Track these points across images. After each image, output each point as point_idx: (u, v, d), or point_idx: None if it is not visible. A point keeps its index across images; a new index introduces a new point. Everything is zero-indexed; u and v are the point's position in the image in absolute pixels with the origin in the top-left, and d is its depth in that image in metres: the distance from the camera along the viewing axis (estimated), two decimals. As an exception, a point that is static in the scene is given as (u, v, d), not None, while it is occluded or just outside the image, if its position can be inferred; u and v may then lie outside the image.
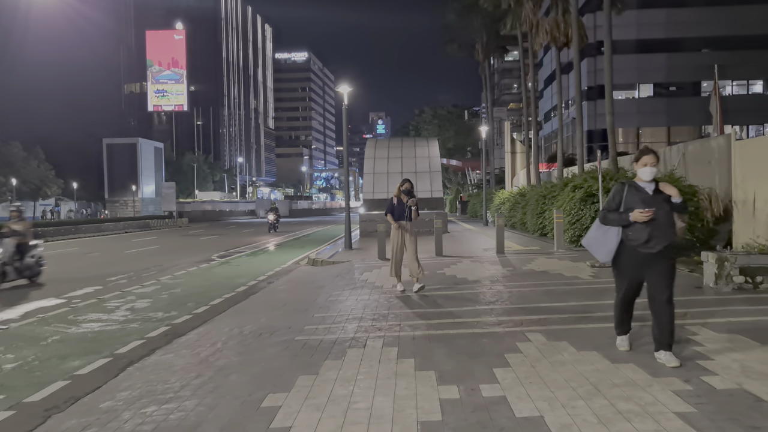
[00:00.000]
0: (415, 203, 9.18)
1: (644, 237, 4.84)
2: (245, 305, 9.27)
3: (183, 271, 14.84)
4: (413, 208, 9.17)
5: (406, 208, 9.17)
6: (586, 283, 9.43)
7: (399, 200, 9.25)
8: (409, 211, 9.17)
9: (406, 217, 9.19)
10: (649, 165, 4.91)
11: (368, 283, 10.53)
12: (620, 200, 4.96)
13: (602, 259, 5.16)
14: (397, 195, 9.28)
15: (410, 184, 9.33)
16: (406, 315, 7.48)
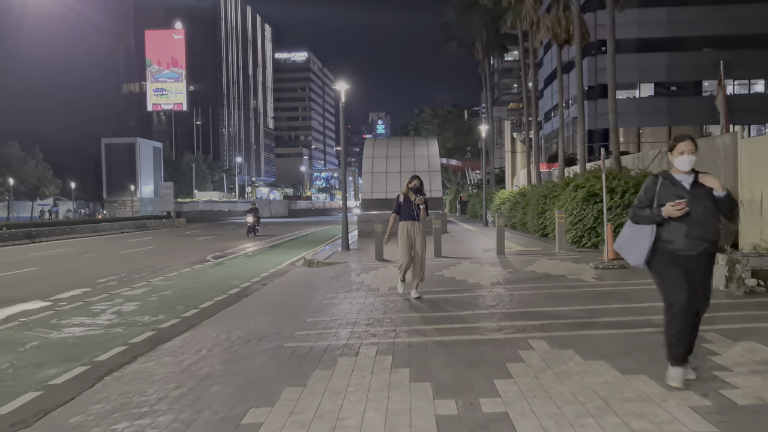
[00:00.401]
0: (423, 201, 8.50)
1: (681, 237, 4.15)
2: (236, 308, 8.92)
3: (175, 273, 14.49)
4: (421, 207, 8.50)
5: (414, 207, 8.51)
6: (590, 285, 9.07)
7: (406, 198, 8.59)
8: (417, 210, 8.51)
9: (414, 216, 8.54)
10: (686, 153, 4.23)
11: (364, 286, 10.17)
12: (653, 195, 4.28)
13: (633, 262, 4.49)
14: (404, 193, 8.65)
15: (419, 182, 8.63)
16: (402, 320, 7.13)
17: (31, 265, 17.54)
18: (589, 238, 14.64)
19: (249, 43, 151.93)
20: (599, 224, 14.30)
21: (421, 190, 8.55)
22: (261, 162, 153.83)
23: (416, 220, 8.52)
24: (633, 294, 8.12)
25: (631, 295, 8.01)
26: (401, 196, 8.66)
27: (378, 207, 25.64)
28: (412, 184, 8.57)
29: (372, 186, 26.77)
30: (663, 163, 18.62)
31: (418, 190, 8.50)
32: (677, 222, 4.14)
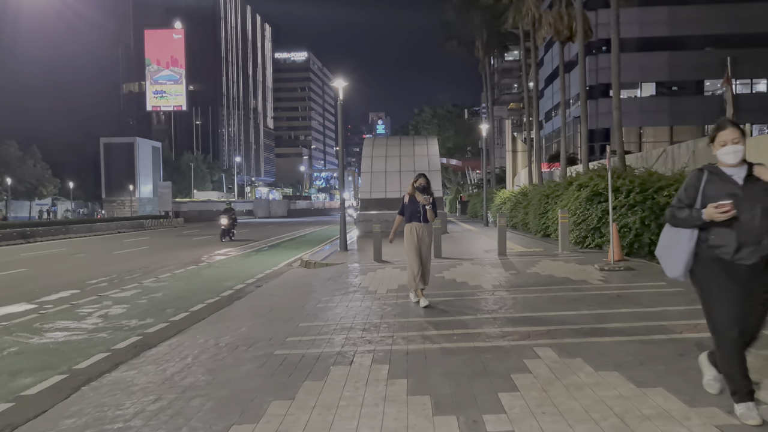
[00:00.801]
0: (430, 202, 7.88)
1: (731, 242, 3.44)
2: (227, 312, 8.55)
3: (168, 274, 14.13)
4: (428, 208, 7.89)
5: (420, 208, 7.96)
6: (597, 288, 8.70)
7: (412, 198, 8.01)
8: (423, 211, 7.93)
9: (420, 217, 7.98)
10: (729, 143, 3.50)
11: (361, 288, 9.81)
12: (695, 193, 3.57)
13: (671, 273, 3.77)
14: (410, 192, 8.06)
15: (425, 180, 8.06)
16: (400, 325, 6.76)
17: (22, 266, 17.18)
18: (593, 239, 14.28)
19: (249, 43, 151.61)
20: (603, 224, 13.94)
21: (428, 189, 7.98)
22: (261, 162, 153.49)
23: (423, 221, 7.96)
24: (642, 297, 7.75)
25: (641, 299, 7.64)
26: (407, 196, 8.09)
27: (377, 207, 25.29)
28: (417, 183, 7.99)
29: (371, 185, 26.42)
30: (667, 162, 18.29)
31: (424, 190, 7.92)
32: (724, 225, 3.44)
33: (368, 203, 26.01)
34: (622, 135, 25.54)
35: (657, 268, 10.64)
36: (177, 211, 58.18)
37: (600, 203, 14.09)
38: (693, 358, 4.87)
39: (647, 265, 11.29)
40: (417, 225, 7.95)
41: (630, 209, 13.15)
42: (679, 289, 8.25)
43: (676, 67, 47.68)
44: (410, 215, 8.02)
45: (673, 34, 47.12)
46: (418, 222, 7.96)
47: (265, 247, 22.94)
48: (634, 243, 12.91)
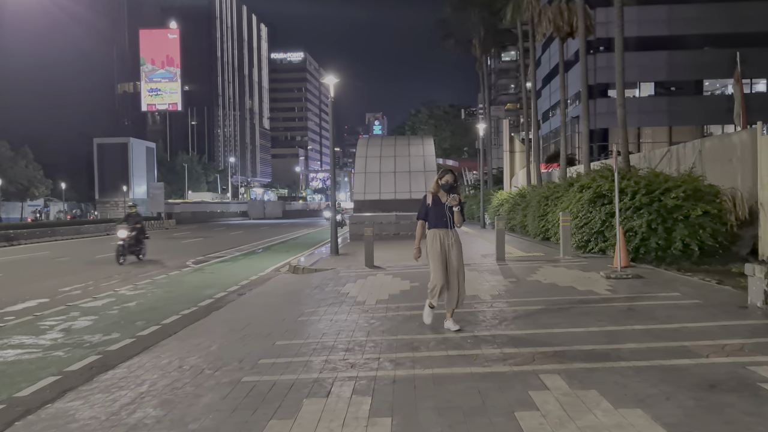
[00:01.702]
0: (458, 202, 6.50)
1: None
2: (201, 325, 7.82)
3: (148, 281, 13.37)
4: (455, 210, 6.49)
5: (447, 210, 6.50)
6: (605, 300, 7.97)
7: (436, 199, 6.57)
8: (450, 215, 6.51)
9: (447, 222, 6.52)
10: None
11: (349, 298, 9.07)
12: None
13: None
14: (433, 192, 6.66)
15: (452, 176, 6.66)
16: (387, 344, 6.03)
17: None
18: (596, 243, 13.55)
19: (244, 43, 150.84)
20: (607, 228, 13.22)
21: (456, 188, 6.61)
22: (257, 162, 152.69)
23: (450, 227, 6.53)
24: (656, 312, 7.02)
25: (655, 313, 6.92)
26: (429, 196, 6.68)
27: (372, 208, 24.57)
28: (443, 181, 6.58)
29: (365, 186, 25.68)
30: (672, 163, 17.57)
31: (451, 189, 6.53)
32: None
33: (362, 205, 25.28)
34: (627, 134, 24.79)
35: (667, 276, 9.93)
36: (170, 212, 57.32)
37: (603, 205, 13.37)
38: (727, 390, 4.16)
39: (656, 272, 10.58)
40: (442, 232, 6.51)
41: (636, 212, 12.44)
42: (696, 301, 7.53)
43: (675, 66, 47.08)
44: (434, 220, 6.57)
45: (672, 33, 46.53)
46: (444, 228, 6.52)
47: (258, 249, 22.18)
48: (640, 248, 12.20)
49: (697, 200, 12.38)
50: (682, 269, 11.27)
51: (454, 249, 6.50)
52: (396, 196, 25.25)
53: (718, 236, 12.16)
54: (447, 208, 6.50)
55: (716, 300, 7.57)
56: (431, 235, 6.56)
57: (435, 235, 6.52)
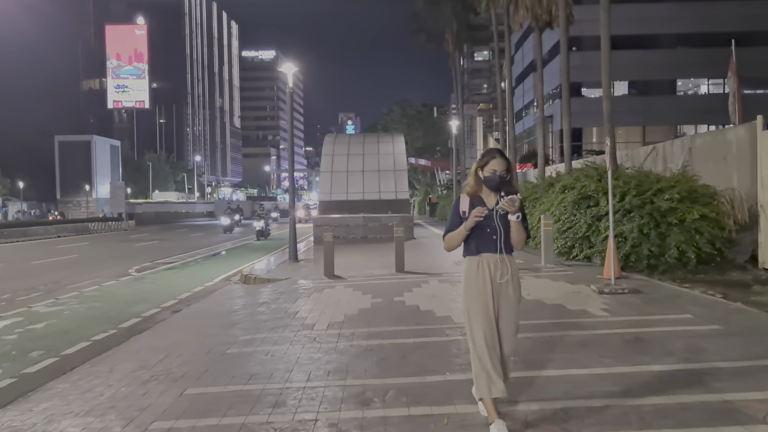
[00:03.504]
0: (516, 206, 3.65)
1: None
2: (108, 359, 6.27)
3: (75, 293, 11.68)
4: (513, 220, 3.73)
5: (497, 222, 3.77)
6: (603, 324, 6.58)
7: (477, 201, 3.84)
8: (502, 229, 3.78)
9: (498, 244, 3.79)
10: None
11: (296, 320, 7.57)
12: None
13: None
14: (470, 192, 3.88)
15: (503, 162, 3.77)
16: (332, 394, 4.56)
17: None
18: (580, 249, 12.25)
19: (214, 40, 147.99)
20: (593, 232, 11.93)
21: (510, 182, 3.78)
22: (227, 162, 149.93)
23: (502, 251, 3.79)
24: (671, 342, 5.64)
25: (671, 345, 5.54)
26: (464, 199, 3.90)
27: (338, 210, 23.07)
28: (488, 170, 3.76)
29: (331, 186, 24.18)
30: (657, 161, 16.41)
31: (502, 183, 3.72)
32: None
33: (328, 206, 23.75)
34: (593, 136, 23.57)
35: (667, 290, 8.62)
36: (131, 212, 55.03)
37: (589, 208, 12.08)
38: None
39: (652, 284, 9.28)
40: (491, 259, 3.78)
41: (625, 215, 11.16)
42: (715, 327, 6.19)
43: (648, 66, 46.54)
44: (475, 239, 3.81)
45: (644, 32, 45.99)
46: (493, 252, 3.78)
47: (216, 254, 20.51)
48: (630, 255, 10.92)
49: (692, 202, 11.14)
50: (678, 279, 10.06)
51: (509, 291, 3.78)
52: (364, 197, 23.80)
53: (716, 242, 10.94)
54: (497, 218, 3.74)
55: (739, 325, 6.25)
56: (471, 265, 3.85)
57: (478, 266, 3.79)
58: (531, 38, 47.44)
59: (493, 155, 3.76)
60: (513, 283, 3.79)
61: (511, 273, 3.78)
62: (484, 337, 3.74)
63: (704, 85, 49.95)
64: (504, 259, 3.76)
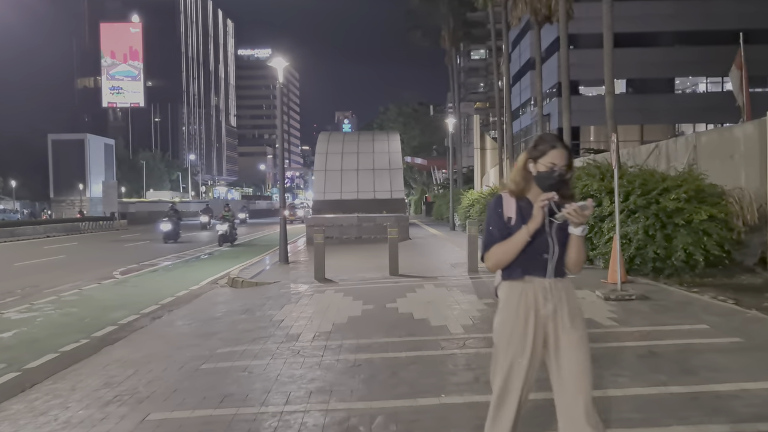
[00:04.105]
0: (587, 216, 2.61)
1: None
2: (73, 374, 5.77)
3: (53, 297, 11.12)
4: (575, 234, 2.69)
5: (551, 230, 2.71)
6: (612, 336, 6.06)
7: (526, 204, 2.76)
8: (557, 245, 2.73)
9: (546, 264, 2.73)
10: None
11: (281, 329, 7.05)
12: None
13: None
14: (516, 190, 2.79)
15: (565, 153, 2.71)
16: (312, 425, 4.03)
17: None
18: (582, 251, 11.73)
19: (210, 39, 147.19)
20: (596, 234, 11.40)
21: (568, 182, 2.73)
22: (223, 161, 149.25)
23: (555, 274, 2.75)
24: (690, 358, 5.12)
25: (689, 362, 5.02)
26: (507, 200, 2.80)
27: (332, 209, 22.52)
28: (544, 164, 2.70)
29: (325, 185, 23.64)
30: (660, 159, 15.90)
31: (560, 183, 2.69)
32: None
33: (322, 205, 23.21)
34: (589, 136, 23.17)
35: (677, 296, 8.12)
36: (124, 212, 54.41)
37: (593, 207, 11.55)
38: None
39: (660, 289, 8.79)
40: (538, 286, 2.75)
41: (630, 216, 10.65)
42: (735, 339, 5.67)
43: (646, 64, 46.14)
44: (527, 255, 2.74)
45: (643, 30, 45.60)
46: (542, 276, 2.75)
47: (204, 255, 19.96)
48: (635, 257, 10.41)
49: (699, 202, 10.62)
50: (685, 283, 9.57)
51: (567, 323, 2.72)
52: (359, 196, 23.26)
53: (725, 244, 10.44)
54: (552, 230, 2.71)
55: (760, 337, 5.74)
56: (512, 293, 2.78)
57: (521, 296, 2.75)
58: (528, 36, 46.95)
59: (553, 144, 2.70)
60: (571, 315, 2.70)
61: (567, 303, 2.71)
62: (518, 399, 2.71)
63: (702, 83, 49.62)
64: (556, 285, 2.72)
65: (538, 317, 2.69)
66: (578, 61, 41.17)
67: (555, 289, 2.71)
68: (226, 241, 22.92)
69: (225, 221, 23.09)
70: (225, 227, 22.83)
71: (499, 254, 2.73)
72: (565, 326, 2.69)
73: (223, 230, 22.82)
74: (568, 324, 2.70)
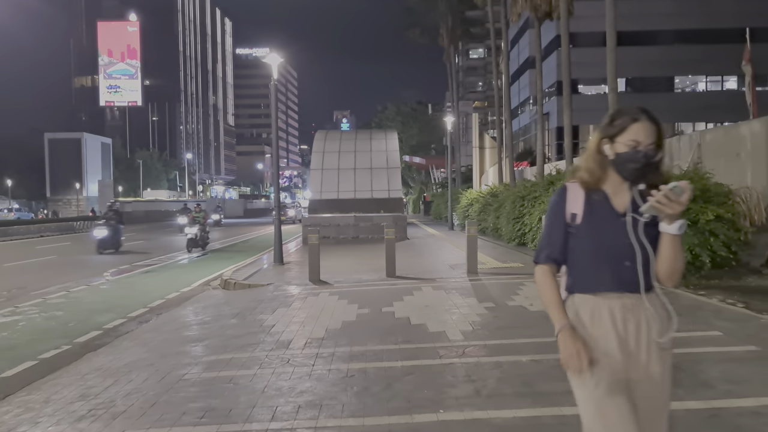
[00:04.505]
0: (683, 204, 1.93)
1: None
2: (48, 384, 5.45)
3: (39, 300, 10.77)
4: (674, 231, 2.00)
5: (635, 229, 2.07)
6: (620, 341, 5.74)
7: (599, 197, 2.13)
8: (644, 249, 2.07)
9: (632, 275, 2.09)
10: None
11: (272, 334, 6.71)
12: None
13: None
14: (590, 180, 2.14)
15: (657, 131, 2.04)
16: (297, 442, 3.70)
17: None
18: (584, 252, 11.40)
19: (208, 38, 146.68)
20: (598, 234, 11.08)
21: (657, 166, 2.05)
22: (221, 160, 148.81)
23: (643, 288, 2.10)
24: (705, 369, 4.79)
25: (705, 373, 4.69)
26: (574, 191, 2.17)
27: (329, 209, 22.19)
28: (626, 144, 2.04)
29: (322, 185, 23.30)
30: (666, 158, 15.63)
31: (649, 168, 2.03)
32: None
33: (318, 205, 22.87)
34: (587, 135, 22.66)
35: (685, 300, 7.81)
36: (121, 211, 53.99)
37: (594, 208, 11.23)
38: None
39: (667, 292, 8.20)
40: (620, 304, 2.10)
41: (634, 216, 10.31)
42: (751, 347, 5.36)
43: (645, 63, 45.92)
44: (595, 263, 2.13)
45: (642, 28, 45.38)
46: (625, 291, 2.10)
47: (197, 255, 19.60)
48: (639, 259, 10.07)
49: (705, 202, 10.30)
50: (691, 285, 9.27)
51: (651, 357, 2.09)
52: (356, 195, 22.93)
53: (732, 245, 10.12)
54: (636, 228, 2.07)
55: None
56: (582, 313, 2.15)
57: (593, 317, 2.13)
58: (527, 35, 46.64)
59: (635, 115, 2.05)
60: (658, 344, 2.08)
61: (655, 327, 2.08)
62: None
63: (702, 82, 49.40)
64: (645, 302, 2.08)
65: (624, 345, 2.06)
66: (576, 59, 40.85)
67: (643, 308, 2.07)
68: (195, 246, 20.11)
69: (195, 223, 20.38)
70: (194, 230, 20.05)
71: (538, 286, 2.20)
72: (650, 357, 2.07)
73: (192, 234, 20.00)
74: (654, 355, 2.06)
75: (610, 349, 2.06)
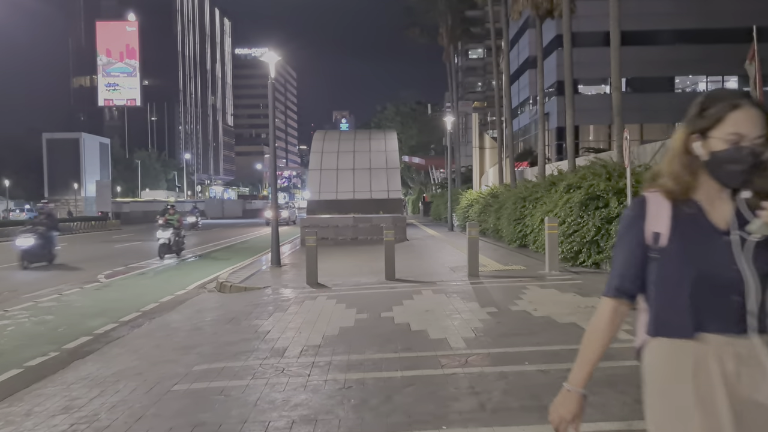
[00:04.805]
0: None
1: None
2: (21, 401, 5.21)
3: (29, 304, 10.52)
4: None
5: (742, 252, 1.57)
6: (631, 351, 5.48)
7: (691, 210, 1.63)
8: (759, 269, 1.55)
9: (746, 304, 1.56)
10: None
11: (266, 341, 6.47)
12: None
13: None
14: (676, 188, 1.63)
15: (762, 112, 1.57)
16: (290, 462, 3.45)
17: None
18: (588, 254, 11.19)
19: (207, 38, 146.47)
20: (602, 236, 10.88)
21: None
22: (220, 160, 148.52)
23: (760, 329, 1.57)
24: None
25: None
26: (656, 203, 1.66)
27: (327, 209, 21.95)
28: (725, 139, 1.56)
29: (320, 185, 23.07)
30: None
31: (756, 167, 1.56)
32: None
33: (317, 206, 22.64)
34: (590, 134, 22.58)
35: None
36: (118, 211, 53.79)
37: (598, 209, 11.03)
38: None
39: None
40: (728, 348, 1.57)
41: (639, 218, 10.09)
42: None
43: (645, 63, 45.76)
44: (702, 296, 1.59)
45: (643, 28, 45.24)
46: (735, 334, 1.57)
47: (195, 256, 19.35)
48: (644, 262, 9.84)
49: None
50: None
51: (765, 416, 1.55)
52: (355, 196, 22.70)
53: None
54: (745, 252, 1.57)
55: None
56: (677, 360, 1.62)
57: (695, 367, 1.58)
58: (527, 35, 46.42)
59: (735, 102, 1.59)
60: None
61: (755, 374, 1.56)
62: None
63: (703, 82, 49.26)
64: (758, 348, 1.57)
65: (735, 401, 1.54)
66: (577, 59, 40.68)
67: (755, 360, 1.56)
68: (168, 252, 18.14)
69: (168, 227, 18.32)
70: (167, 235, 18.03)
71: (590, 325, 1.81)
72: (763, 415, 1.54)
73: (165, 238, 17.96)
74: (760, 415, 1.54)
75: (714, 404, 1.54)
